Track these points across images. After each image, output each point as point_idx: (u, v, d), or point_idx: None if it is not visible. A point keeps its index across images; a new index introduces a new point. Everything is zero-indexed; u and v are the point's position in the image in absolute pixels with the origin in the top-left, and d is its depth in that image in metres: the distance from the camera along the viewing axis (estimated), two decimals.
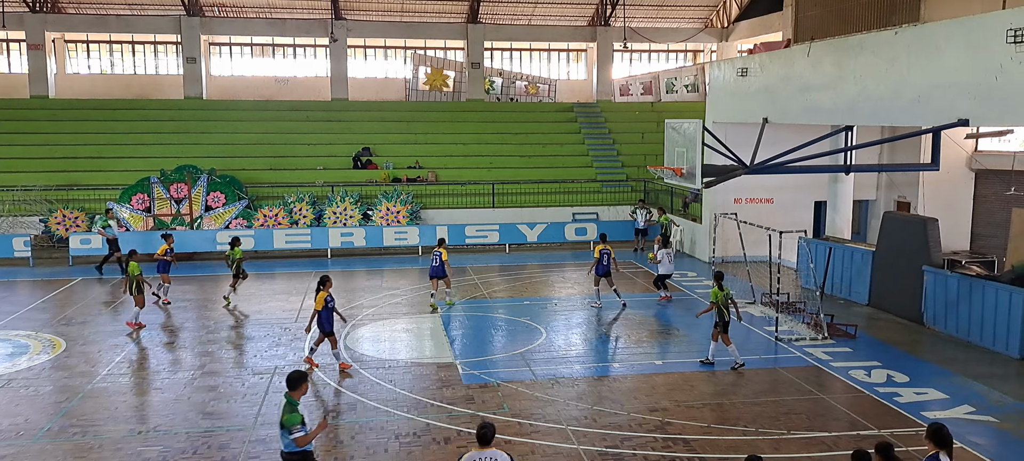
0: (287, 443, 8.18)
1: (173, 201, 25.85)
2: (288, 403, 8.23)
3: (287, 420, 8.12)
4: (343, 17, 34.22)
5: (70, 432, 11.17)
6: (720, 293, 13.85)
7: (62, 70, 34.43)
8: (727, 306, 13.87)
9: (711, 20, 37.26)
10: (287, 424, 8.11)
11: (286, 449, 8.23)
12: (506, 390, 12.77)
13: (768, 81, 20.60)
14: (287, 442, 8.18)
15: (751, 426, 11.26)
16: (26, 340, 15.78)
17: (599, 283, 18.34)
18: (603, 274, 18.16)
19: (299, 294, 19.81)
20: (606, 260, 18.04)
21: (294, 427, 8.08)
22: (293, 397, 8.26)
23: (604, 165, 31.56)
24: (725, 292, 13.90)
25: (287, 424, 8.11)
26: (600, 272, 18.15)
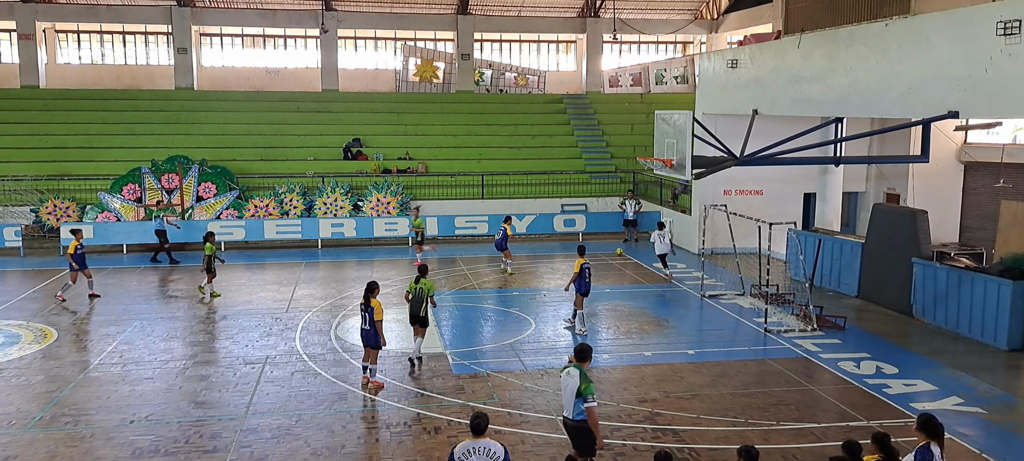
0: (578, 412, 8.42)
1: (164, 191, 25.75)
2: (582, 373, 8.46)
3: (586, 389, 8.38)
4: (333, 8, 34.08)
5: (62, 421, 11.15)
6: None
7: (53, 60, 34.16)
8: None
9: (701, 11, 37.28)
10: (585, 392, 8.37)
11: (577, 418, 8.46)
12: (496, 380, 12.81)
13: (758, 73, 20.65)
14: (580, 411, 8.41)
15: (740, 417, 11.34)
16: (17, 330, 15.72)
17: (582, 304, 15.68)
18: (586, 292, 15.63)
19: (289, 284, 19.78)
20: (589, 276, 15.55)
21: (590, 396, 8.38)
22: (584, 367, 8.53)
23: (593, 156, 31.60)
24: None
25: (585, 392, 8.37)
26: (582, 290, 15.51)
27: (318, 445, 10.39)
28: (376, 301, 12.10)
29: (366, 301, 12.09)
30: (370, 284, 12.27)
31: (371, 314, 12.00)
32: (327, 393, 12.25)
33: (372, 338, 12.13)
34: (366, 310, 12.06)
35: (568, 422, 8.67)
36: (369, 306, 12.04)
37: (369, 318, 12.03)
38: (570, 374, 8.57)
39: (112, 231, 24.45)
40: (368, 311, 12.04)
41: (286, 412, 11.50)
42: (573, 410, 8.51)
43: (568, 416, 8.61)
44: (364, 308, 12.12)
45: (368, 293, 12.12)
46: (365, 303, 12.10)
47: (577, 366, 8.61)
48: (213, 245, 18.67)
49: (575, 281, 15.41)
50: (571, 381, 8.52)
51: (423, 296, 13.34)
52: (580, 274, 15.30)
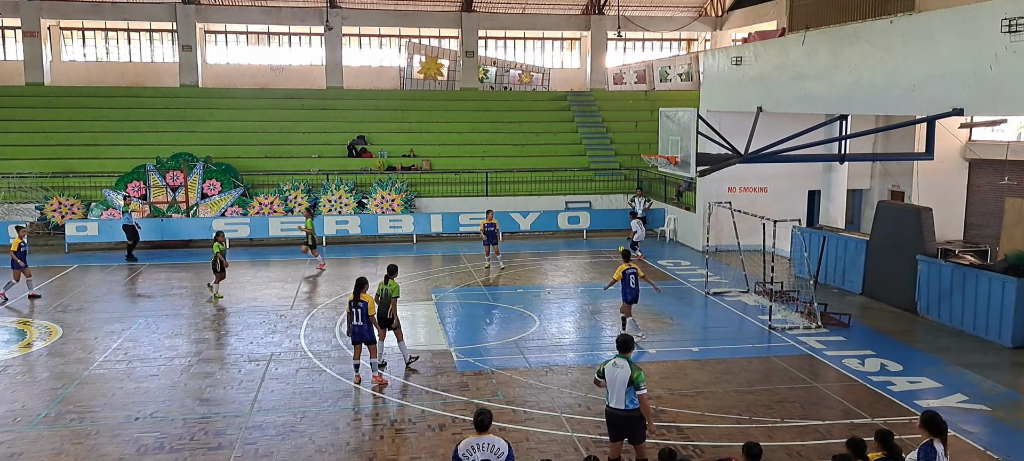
0: (632, 400, 8.58)
1: (169, 188, 25.82)
2: (631, 363, 8.63)
3: (638, 377, 8.57)
4: (338, 5, 34.10)
5: (67, 418, 11.20)
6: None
7: (58, 57, 34.24)
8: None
9: (705, 8, 37.22)
10: (638, 380, 8.55)
11: (629, 408, 8.61)
12: (500, 377, 12.83)
13: (762, 70, 20.62)
14: (632, 399, 8.58)
15: (744, 414, 11.34)
16: (22, 327, 15.79)
17: (630, 311, 14.77)
18: (632, 300, 14.69)
19: (294, 282, 19.83)
20: (634, 282, 14.46)
21: (642, 383, 8.59)
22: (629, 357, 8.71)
23: (597, 153, 31.59)
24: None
25: (638, 380, 8.55)
26: (628, 298, 14.60)
27: (323, 442, 10.42)
28: (368, 296, 12.17)
29: (356, 297, 12.11)
30: (360, 280, 12.32)
31: (364, 309, 12.04)
32: (332, 390, 12.28)
33: (368, 333, 12.17)
34: (357, 306, 12.06)
35: (618, 412, 8.71)
36: (361, 301, 12.06)
37: (361, 313, 12.05)
38: (618, 365, 8.66)
39: (117, 228, 24.49)
40: (360, 306, 12.05)
41: (291, 409, 11.53)
42: (625, 400, 8.62)
43: (617, 407, 8.67)
44: (355, 304, 12.10)
45: (359, 289, 12.17)
46: (355, 299, 12.11)
47: (623, 357, 8.72)
48: (222, 244, 18.33)
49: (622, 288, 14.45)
50: (621, 372, 8.61)
51: (389, 298, 12.87)
52: (623, 280, 14.45)
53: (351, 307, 12.16)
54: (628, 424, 8.77)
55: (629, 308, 14.70)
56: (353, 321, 12.14)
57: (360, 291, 12.16)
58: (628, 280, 14.42)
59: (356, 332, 12.23)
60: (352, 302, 12.15)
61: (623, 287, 14.49)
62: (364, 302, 12.09)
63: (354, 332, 12.24)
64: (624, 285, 14.46)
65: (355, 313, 12.10)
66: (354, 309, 12.11)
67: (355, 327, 12.18)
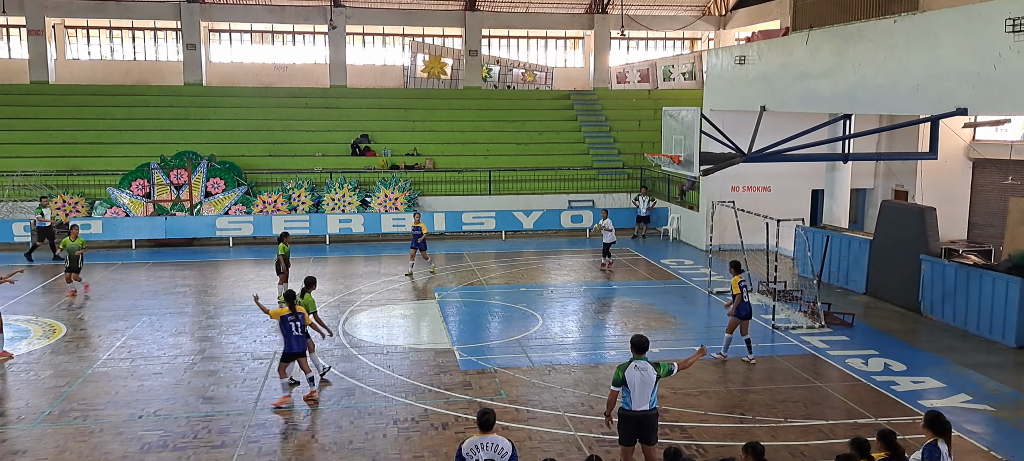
0: (654, 402, 8.68)
1: (173, 187, 25.86)
2: (652, 362, 8.70)
3: (664, 368, 8.73)
4: (342, 4, 34.10)
5: (71, 416, 11.23)
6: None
7: (62, 55, 34.29)
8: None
9: (709, 8, 37.16)
10: (665, 371, 8.74)
11: (654, 406, 8.68)
12: (503, 376, 12.84)
13: (766, 69, 20.59)
14: (655, 398, 8.67)
15: (748, 414, 11.34)
16: (26, 325, 15.83)
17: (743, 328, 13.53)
18: (746, 316, 13.55)
19: (297, 280, 19.80)
20: (746, 296, 13.57)
21: (673, 368, 8.85)
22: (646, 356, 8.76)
23: (601, 152, 31.57)
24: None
25: (665, 371, 8.74)
26: (743, 314, 13.50)
27: (326, 440, 10.43)
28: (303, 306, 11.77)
29: (293, 310, 11.55)
30: (291, 292, 11.91)
31: (302, 319, 11.56)
32: (334, 388, 12.30)
33: (303, 343, 11.63)
34: (296, 318, 11.49)
35: (641, 414, 8.60)
36: (298, 313, 11.56)
37: (300, 324, 11.53)
38: (640, 367, 8.60)
39: (121, 226, 24.58)
40: (299, 318, 11.54)
41: (294, 407, 11.54)
42: (650, 401, 8.61)
43: (641, 408, 8.58)
44: (294, 317, 11.51)
45: (292, 301, 11.62)
46: (293, 312, 11.52)
47: (642, 358, 8.69)
48: (287, 246, 17.58)
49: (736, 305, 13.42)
50: (646, 374, 8.57)
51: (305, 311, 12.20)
52: (740, 295, 13.38)
53: (289, 321, 11.49)
54: (649, 424, 8.71)
55: (745, 324, 13.53)
56: (293, 333, 11.48)
57: (294, 302, 11.67)
58: (743, 293, 13.43)
59: (299, 345, 11.57)
60: (291, 315, 11.51)
61: (739, 303, 13.41)
62: (301, 314, 11.64)
63: (297, 345, 11.53)
64: (740, 301, 13.41)
65: (295, 326, 11.52)
66: (293, 322, 11.50)
67: (297, 338, 11.54)
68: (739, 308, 13.44)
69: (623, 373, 8.64)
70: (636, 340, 8.90)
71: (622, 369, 8.68)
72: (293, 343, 11.56)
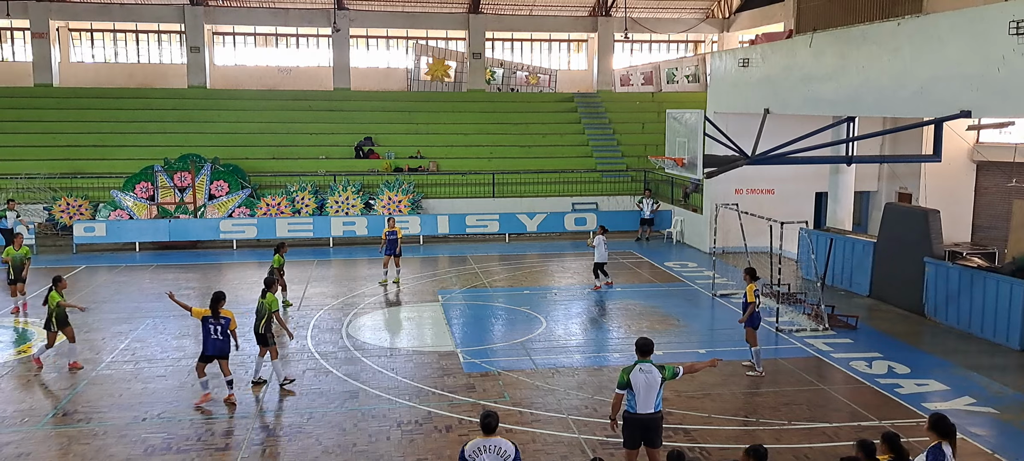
0: (660, 401, 8.69)
1: (177, 189, 25.92)
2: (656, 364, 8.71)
3: (669, 371, 8.71)
4: (346, 7, 34.17)
5: (74, 419, 11.25)
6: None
7: (66, 58, 34.41)
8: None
9: (712, 10, 37.16)
10: (671, 374, 8.73)
11: (659, 408, 8.70)
12: (507, 379, 12.84)
13: (770, 71, 20.58)
14: (660, 400, 8.70)
15: (752, 416, 11.32)
16: (30, 328, 15.85)
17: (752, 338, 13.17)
18: (756, 325, 13.20)
19: (301, 282, 19.87)
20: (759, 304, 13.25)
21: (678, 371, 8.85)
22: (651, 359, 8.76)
23: (604, 155, 31.57)
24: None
25: (671, 374, 8.73)
26: (754, 323, 13.15)
27: (329, 443, 10.44)
28: (229, 311, 11.82)
29: (215, 313, 11.62)
30: (217, 294, 11.84)
31: (226, 324, 11.61)
32: (338, 391, 12.31)
33: (227, 348, 11.74)
34: (217, 322, 11.58)
35: (647, 417, 8.61)
36: (222, 318, 11.62)
37: (222, 328, 11.59)
38: (644, 370, 8.59)
39: (125, 229, 24.64)
40: (222, 322, 11.60)
41: (297, 410, 11.56)
42: (656, 404, 8.63)
43: (646, 411, 8.58)
44: (214, 319, 11.59)
45: (216, 304, 11.67)
46: (215, 315, 11.61)
47: (647, 361, 8.68)
48: (282, 257, 17.30)
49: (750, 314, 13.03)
50: (651, 376, 8.56)
51: (264, 312, 12.38)
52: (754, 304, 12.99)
53: (209, 323, 11.58)
54: (654, 427, 8.71)
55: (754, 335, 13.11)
56: (211, 336, 11.58)
57: (218, 305, 11.68)
58: (758, 301, 13.11)
59: (215, 347, 11.66)
60: (211, 318, 11.60)
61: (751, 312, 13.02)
62: (226, 318, 11.66)
63: (213, 347, 11.64)
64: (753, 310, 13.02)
65: (214, 328, 11.60)
66: (214, 324, 11.58)
67: (214, 341, 11.62)
68: (751, 317, 13.04)
69: (628, 376, 8.61)
70: (641, 343, 8.89)
71: (627, 372, 8.65)
72: (209, 345, 11.65)
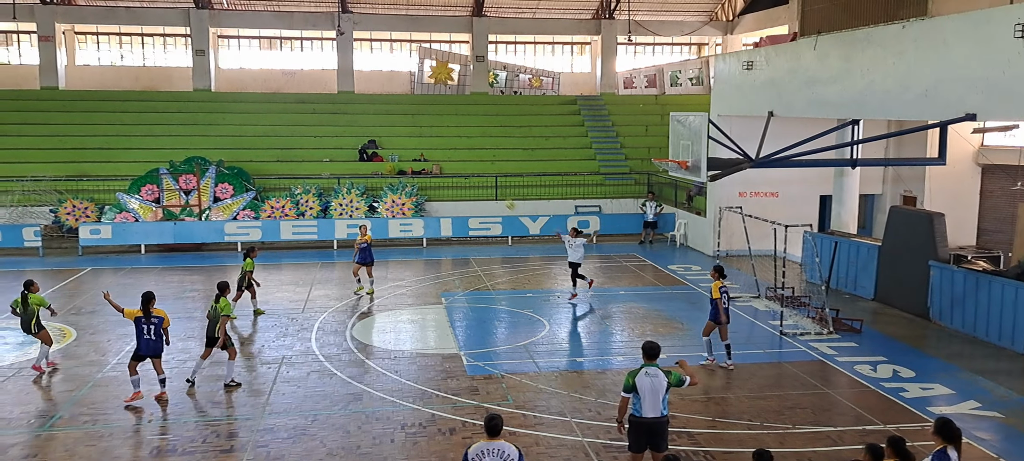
0: (666, 405, 8.68)
1: (182, 192, 25.98)
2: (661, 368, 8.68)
3: (675, 378, 8.74)
4: (350, 10, 34.24)
5: (80, 420, 11.29)
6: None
7: (72, 61, 34.52)
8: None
9: (716, 13, 37.16)
10: (676, 381, 8.74)
11: (665, 412, 8.67)
12: (510, 382, 12.84)
13: (774, 74, 20.58)
14: (666, 404, 8.67)
15: (755, 420, 11.31)
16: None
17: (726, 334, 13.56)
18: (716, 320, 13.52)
19: (305, 285, 19.90)
20: (727, 300, 13.53)
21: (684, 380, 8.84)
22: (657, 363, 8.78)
23: (607, 158, 31.58)
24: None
25: (676, 381, 8.74)
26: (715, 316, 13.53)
27: (334, 445, 10.46)
28: (161, 310, 12.02)
29: (148, 313, 11.83)
30: (147, 294, 11.99)
31: (158, 324, 11.86)
32: (342, 393, 12.33)
33: (159, 347, 11.95)
34: (149, 321, 11.80)
35: (653, 421, 8.61)
36: (154, 317, 11.85)
37: (155, 329, 11.84)
38: (650, 373, 8.60)
39: (130, 231, 24.70)
40: (154, 322, 11.83)
41: (302, 412, 11.58)
42: (661, 408, 8.62)
43: (652, 415, 8.58)
44: (147, 319, 11.80)
45: (148, 304, 11.87)
46: (147, 315, 11.82)
47: (653, 364, 8.68)
48: (252, 261, 17.23)
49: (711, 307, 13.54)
50: (657, 380, 8.57)
51: (217, 316, 12.57)
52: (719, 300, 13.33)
53: (142, 323, 11.81)
54: (660, 431, 8.71)
55: (725, 330, 13.49)
56: (144, 336, 11.81)
57: (149, 305, 11.88)
58: (723, 298, 13.40)
59: (148, 347, 11.88)
60: (143, 318, 11.82)
61: (715, 306, 13.41)
62: (159, 318, 11.91)
63: (146, 347, 11.86)
64: (716, 305, 13.40)
65: (147, 328, 11.82)
66: (146, 324, 11.81)
67: (147, 341, 11.84)
68: (714, 311, 13.40)
69: (634, 379, 8.61)
70: (647, 346, 8.89)
71: (632, 375, 8.65)
72: (143, 345, 11.86)
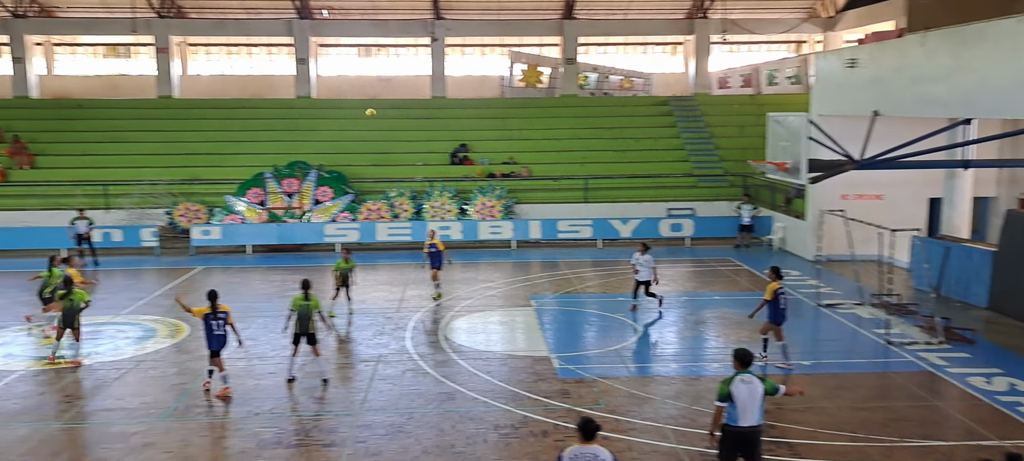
0: (762, 414, 8.51)
1: (285, 195, 27.11)
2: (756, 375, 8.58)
3: (771, 385, 8.56)
4: (443, 17, 34.89)
5: (194, 412, 11.97)
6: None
7: (185, 71, 36.59)
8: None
9: (816, 9, 35.89)
10: (772, 389, 8.55)
11: (761, 421, 8.49)
12: (602, 386, 12.82)
13: (879, 72, 19.74)
14: (763, 413, 8.50)
15: (859, 432, 10.89)
16: (153, 324, 16.94)
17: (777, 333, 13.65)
18: (781, 321, 13.61)
19: (400, 285, 20.41)
20: (783, 302, 13.59)
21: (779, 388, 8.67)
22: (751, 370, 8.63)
23: (701, 159, 31.00)
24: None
25: (772, 389, 8.55)
26: (775, 318, 13.54)
27: (429, 443, 10.71)
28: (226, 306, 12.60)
29: (215, 309, 12.38)
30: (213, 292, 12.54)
31: (225, 318, 12.44)
32: (436, 392, 12.60)
33: (225, 340, 12.50)
34: (216, 317, 12.36)
35: (750, 430, 8.43)
36: (220, 312, 12.42)
37: (222, 323, 12.40)
38: (746, 381, 8.43)
39: (238, 232, 25.96)
40: (222, 317, 12.40)
41: (398, 410, 11.90)
42: (757, 416, 8.45)
43: (750, 424, 8.40)
44: (214, 315, 12.36)
45: (214, 300, 12.43)
46: (214, 311, 12.37)
47: (748, 372, 8.51)
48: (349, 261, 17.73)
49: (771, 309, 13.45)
50: (754, 387, 8.41)
51: (310, 312, 13.05)
52: (773, 300, 13.43)
53: (210, 319, 12.37)
54: (755, 440, 8.54)
55: (780, 331, 13.60)
56: (214, 332, 12.37)
57: (216, 302, 12.45)
58: (778, 301, 13.41)
59: (219, 342, 12.46)
60: (211, 314, 12.37)
61: (772, 308, 13.44)
62: (224, 313, 12.48)
63: (217, 342, 12.44)
64: (773, 306, 13.42)
65: (216, 324, 12.38)
66: (214, 320, 12.37)
67: (218, 336, 12.42)
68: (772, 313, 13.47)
69: (729, 387, 8.44)
70: (740, 353, 8.71)
71: (728, 383, 8.48)
72: (214, 341, 12.44)
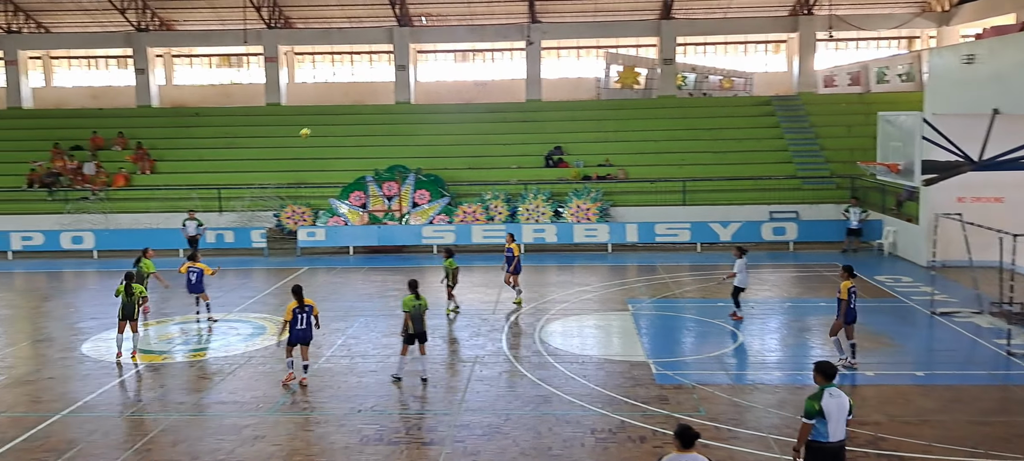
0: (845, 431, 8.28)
1: (385, 198, 27.89)
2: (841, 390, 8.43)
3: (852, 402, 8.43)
4: (539, 21, 35.06)
5: (300, 407, 12.47)
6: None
7: (292, 79, 38.24)
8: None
9: (929, 4, 34.06)
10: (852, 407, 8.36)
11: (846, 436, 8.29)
12: (701, 393, 12.57)
13: (999, 68, 18.55)
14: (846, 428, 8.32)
15: (979, 447, 10.28)
16: (262, 322, 17.74)
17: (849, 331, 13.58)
18: (853, 320, 13.56)
19: (495, 287, 20.61)
20: (854, 301, 13.52)
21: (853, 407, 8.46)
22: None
23: (805, 160, 29.93)
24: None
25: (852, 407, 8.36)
26: (848, 318, 13.49)
27: (526, 445, 10.78)
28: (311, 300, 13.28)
29: (301, 303, 13.03)
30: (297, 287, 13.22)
31: (309, 313, 13.10)
32: (532, 394, 12.67)
33: (310, 334, 13.22)
34: (303, 311, 13.03)
35: (840, 445, 8.19)
36: (306, 306, 13.08)
37: (306, 318, 13.07)
38: (834, 394, 8.13)
39: (341, 234, 26.89)
40: (306, 311, 13.07)
41: (495, 411, 12.04)
42: (845, 430, 8.21)
43: (839, 439, 8.15)
44: (301, 310, 13.01)
45: (300, 295, 13.08)
46: (301, 305, 13.03)
47: (833, 385, 8.22)
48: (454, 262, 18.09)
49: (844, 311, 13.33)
50: (842, 401, 8.15)
51: (422, 312, 13.54)
52: (846, 299, 13.25)
53: (298, 313, 13.01)
54: (842, 456, 8.24)
55: (851, 329, 13.48)
56: (299, 325, 13.04)
57: (301, 296, 13.08)
58: (850, 300, 13.25)
59: (302, 336, 13.12)
60: (298, 309, 13.01)
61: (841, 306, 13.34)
62: (309, 306, 13.14)
63: (301, 336, 13.11)
64: (846, 305, 13.27)
65: (301, 318, 13.03)
66: (301, 314, 13.03)
67: (302, 331, 13.09)
68: (847, 313, 13.31)
69: (820, 404, 8.07)
70: (824, 366, 8.35)
71: (817, 399, 8.11)
72: (298, 333, 13.14)
